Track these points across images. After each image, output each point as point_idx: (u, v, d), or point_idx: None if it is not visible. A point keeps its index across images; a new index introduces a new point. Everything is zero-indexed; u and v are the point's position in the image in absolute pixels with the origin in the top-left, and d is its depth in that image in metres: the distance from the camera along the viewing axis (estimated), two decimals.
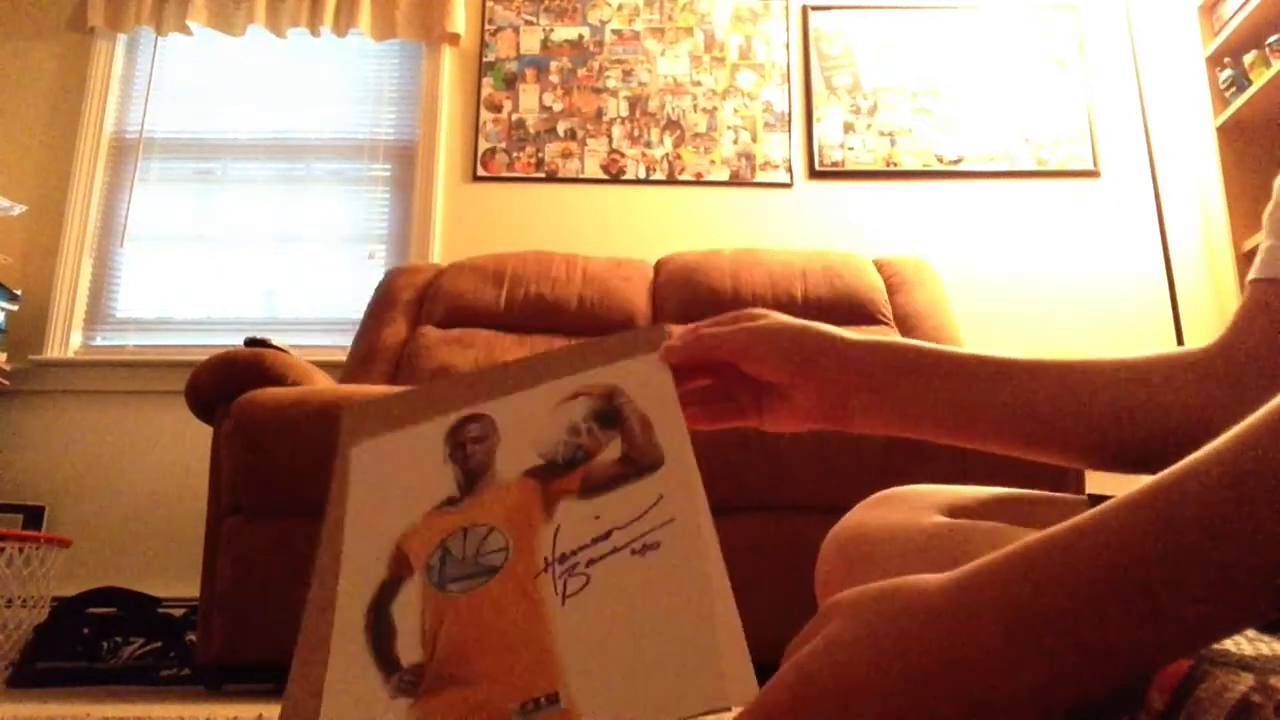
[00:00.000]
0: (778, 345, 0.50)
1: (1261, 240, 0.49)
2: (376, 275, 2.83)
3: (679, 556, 0.40)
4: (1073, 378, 0.48)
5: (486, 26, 3.16)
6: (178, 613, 2.40)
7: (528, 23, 3.16)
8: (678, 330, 0.52)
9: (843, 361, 0.49)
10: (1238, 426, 0.26)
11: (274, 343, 2.12)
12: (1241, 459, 0.25)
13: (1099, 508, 0.28)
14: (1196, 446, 0.27)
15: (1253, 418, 0.26)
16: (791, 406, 0.51)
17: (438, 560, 0.44)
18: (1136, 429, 0.47)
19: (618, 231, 2.97)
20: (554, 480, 0.46)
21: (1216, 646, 0.29)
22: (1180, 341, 2.54)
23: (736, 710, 0.34)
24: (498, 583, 0.42)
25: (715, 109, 3.08)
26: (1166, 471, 0.27)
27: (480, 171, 3.03)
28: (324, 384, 2.05)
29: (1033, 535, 0.29)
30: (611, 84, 3.11)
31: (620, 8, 3.17)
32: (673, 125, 3.07)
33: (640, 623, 0.38)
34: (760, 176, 3.02)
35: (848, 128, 3.06)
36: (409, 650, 0.41)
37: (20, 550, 2.24)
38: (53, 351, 2.88)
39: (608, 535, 0.42)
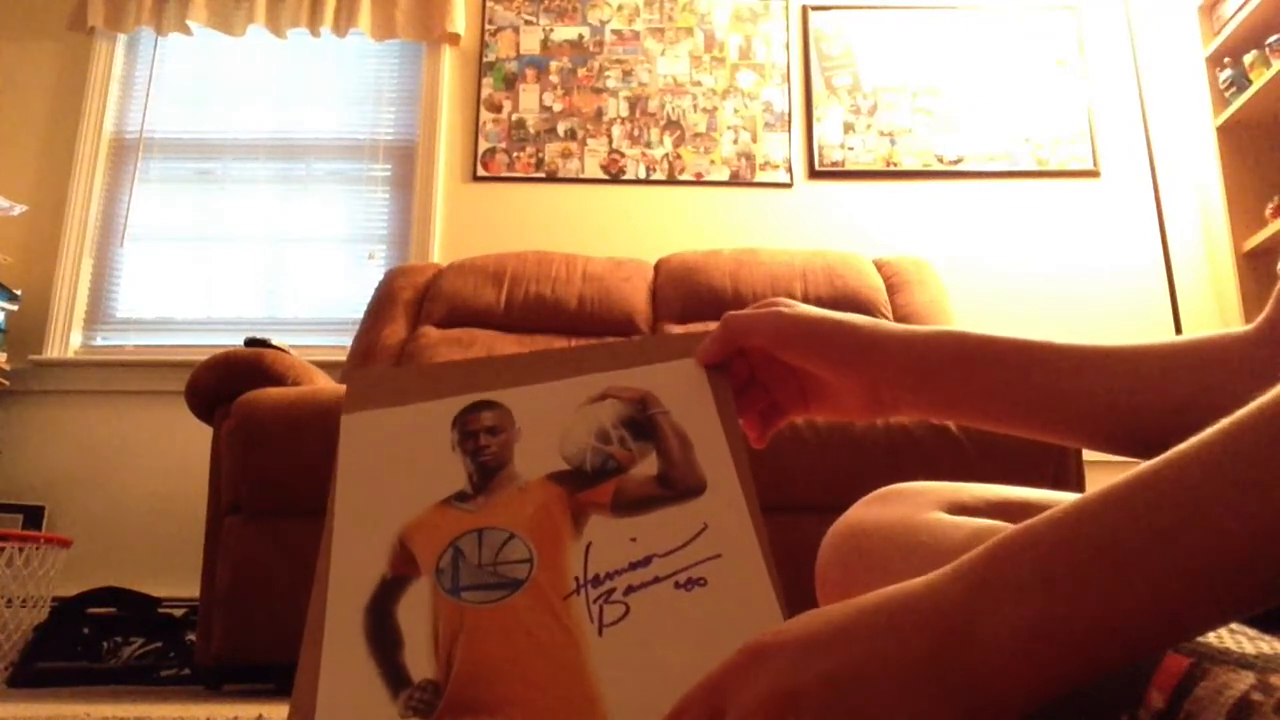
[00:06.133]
0: (813, 338, 0.49)
1: None
2: (376, 275, 2.83)
3: (729, 597, 0.38)
4: (1120, 367, 0.47)
5: (486, 26, 3.15)
6: (178, 613, 2.40)
7: (528, 23, 3.16)
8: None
9: (880, 358, 0.49)
10: (1226, 419, 0.26)
11: (274, 343, 2.12)
12: (1221, 448, 0.26)
13: (1083, 495, 0.28)
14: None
15: (1241, 412, 0.26)
16: (834, 400, 0.52)
17: (449, 563, 0.41)
18: (1148, 415, 0.46)
19: (618, 231, 2.97)
20: (582, 490, 0.43)
21: (1217, 645, 0.29)
22: None
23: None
24: (523, 599, 0.39)
25: (715, 109, 3.08)
26: (1152, 460, 0.27)
27: (480, 171, 3.03)
28: (324, 384, 2.05)
29: (1016, 525, 0.29)
30: (611, 84, 3.10)
31: (620, 8, 3.17)
32: (673, 125, 3.07)
33: (686, 665, 0.35)
34: (760, 176, 3.02)
35: (848, 128, 3.06)
36: (419, 664, 0.38)
37: (20, 550, 2.24)
38: (53, 351, 2.88)
39: (647, 562, 0.40)
